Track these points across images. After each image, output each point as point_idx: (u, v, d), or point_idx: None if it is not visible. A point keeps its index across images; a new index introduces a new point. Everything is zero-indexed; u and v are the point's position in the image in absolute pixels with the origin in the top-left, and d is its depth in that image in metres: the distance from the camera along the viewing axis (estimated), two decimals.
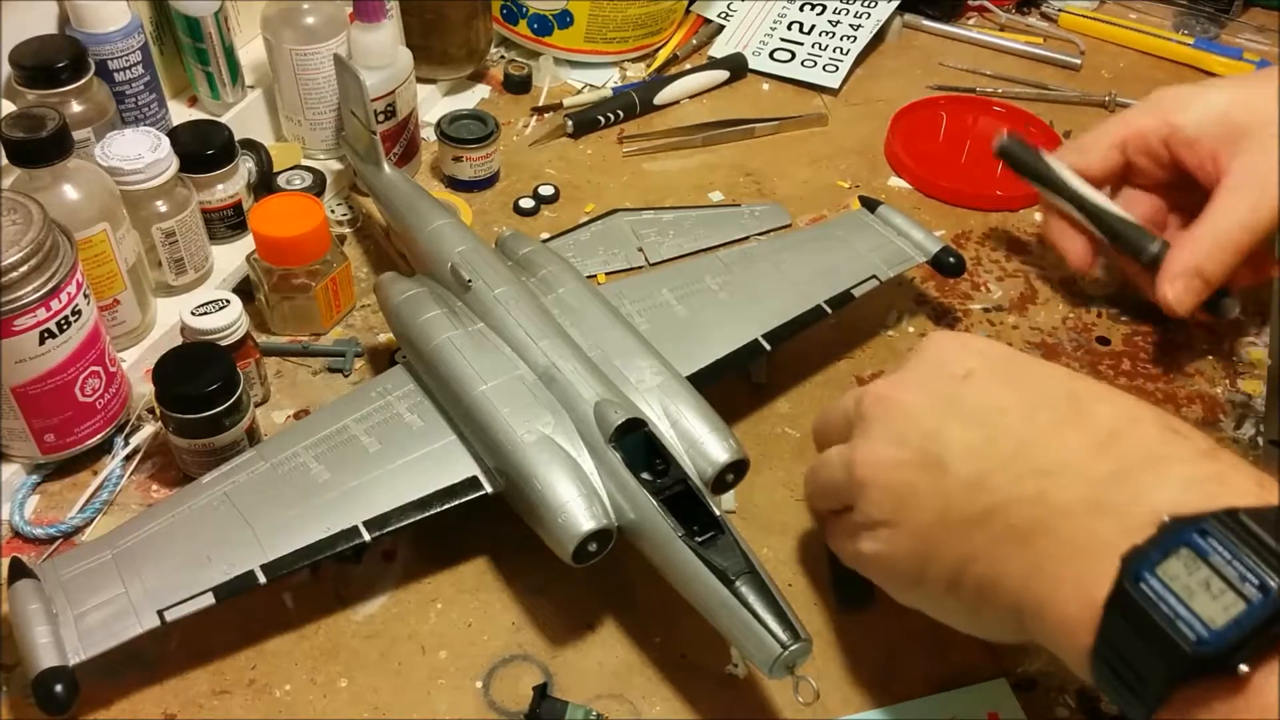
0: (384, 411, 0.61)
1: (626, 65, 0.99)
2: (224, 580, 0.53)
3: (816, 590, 0.60)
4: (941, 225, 0.83)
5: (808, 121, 0.93)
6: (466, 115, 0.85)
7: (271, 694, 0.55)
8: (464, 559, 0.61)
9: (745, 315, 0.66)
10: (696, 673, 0.56)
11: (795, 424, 0.69)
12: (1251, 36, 1.04)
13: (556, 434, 0.56)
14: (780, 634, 0.48)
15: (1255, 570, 0.37)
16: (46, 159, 0.61)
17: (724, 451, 0.55)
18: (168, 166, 0.68)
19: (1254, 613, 0.36)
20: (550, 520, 0.53)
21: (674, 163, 0.89)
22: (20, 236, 0.56)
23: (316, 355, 0.72)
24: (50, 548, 0.61)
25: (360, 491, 0.57)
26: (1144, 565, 0.39)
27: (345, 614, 0.58)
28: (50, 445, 0.62)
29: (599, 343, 0.60)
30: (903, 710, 0.55)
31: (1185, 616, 0.37)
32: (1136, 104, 0.73)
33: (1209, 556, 0.38)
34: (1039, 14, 1.07)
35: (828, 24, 1.01)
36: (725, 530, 0.52)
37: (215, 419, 0.60)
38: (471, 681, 0.56)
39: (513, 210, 0.84)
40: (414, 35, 0.88)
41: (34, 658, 0.50)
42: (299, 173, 0.82)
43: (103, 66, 0.71)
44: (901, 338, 0.75)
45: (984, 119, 0.93)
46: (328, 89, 0.81)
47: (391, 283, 0.65)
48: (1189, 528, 0.39)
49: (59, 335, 0.58)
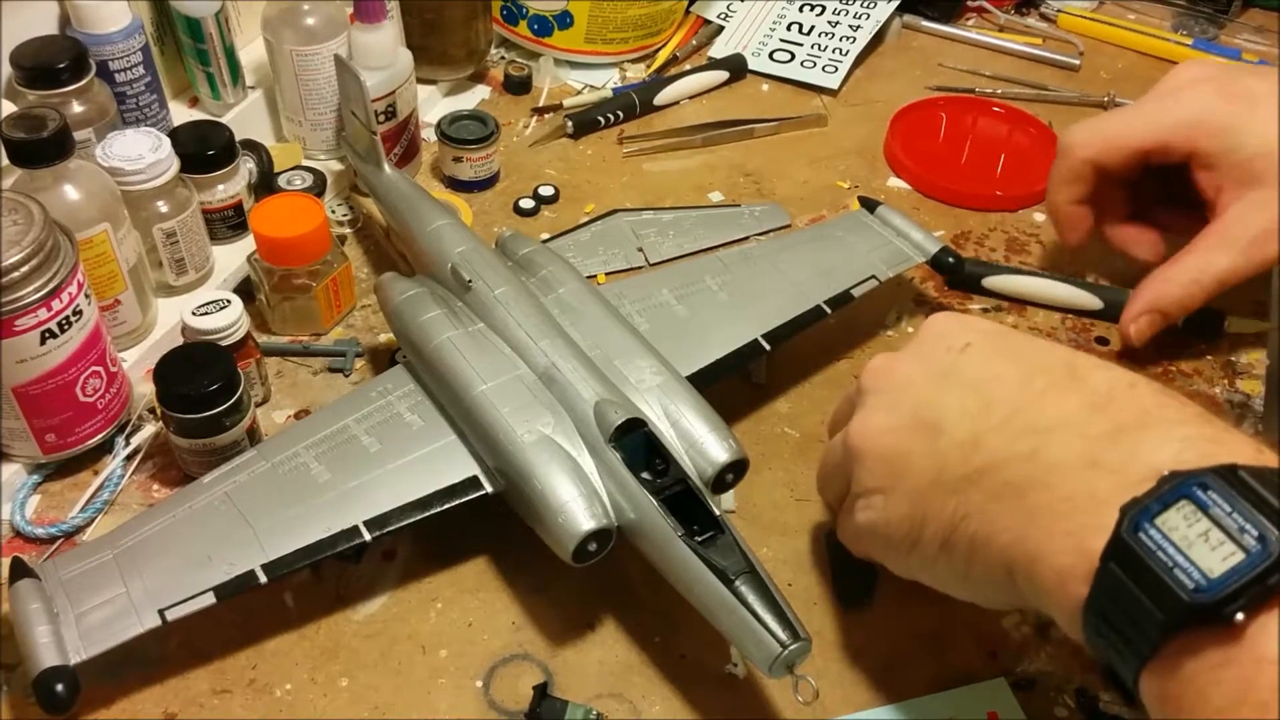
0: (384, 411, 0.61)
1: (626, 66, 0.99)
2: (225, 580, 0.53)
3: (816, 590, 0.60)
4: (941, 225, 0.83)
5: (807, 122, 0.93)
6: (466, 116, 0.85)
7: (272, 693, 0.55)
8: (464, 559, 0.61)
9: (745, 315, 0.67)
10: (696, 673, 0.56)
11: (795, 424, 0.69)
12: (1250, 37, 1.04)
13: (556, 434, 0.56)
14: (780, 633, 0.48)
15: (1254, 522, 0.37)
16: (47, 159, 0.61)
17: (724, 451, 0.55)
18: (169, 167, 0.68)
19: (1252, 562, 0.37)
20: (550, 520, 0.53)
21: (674, 163, 0.89)
22: (21, 237, 0.56)
23: (317, 355, 0.72)
24: (51, 547, 0.61)
25: (360, 491, 0.57)
26: (1143, 516, 0.39)
27: (345, 614, 0.58)
28: (51, 445, 0.63)
29: (599, 343, 0.60)
30: (903, 710, 0.55)
31: (1183, 565, 0.38)
32: (1173, 100, 0.67)
33: (1209, 509, 0.38)
34: (1038, 14, 1.07)
35: (827, 25, 1.01)
36: (725, 530, 0.52)
37: (216, 419, 0.60)
38: (471, 681, 0.56)
39: (513, 211, 0.84)
40: (414, 36, 0.88)
41: (35, 657, 0.50)
42: (299, 173, 0.83)
43: (104, 67, 0.71)
44: (901, 338, 0.75)
45: (983, 119, 0.94)
46: (328, 89, 0.82)
47: (392, 283, 0.65)
48: (1189, 481, 0.39)
49: (60, 335, 0.58)
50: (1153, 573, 0.38)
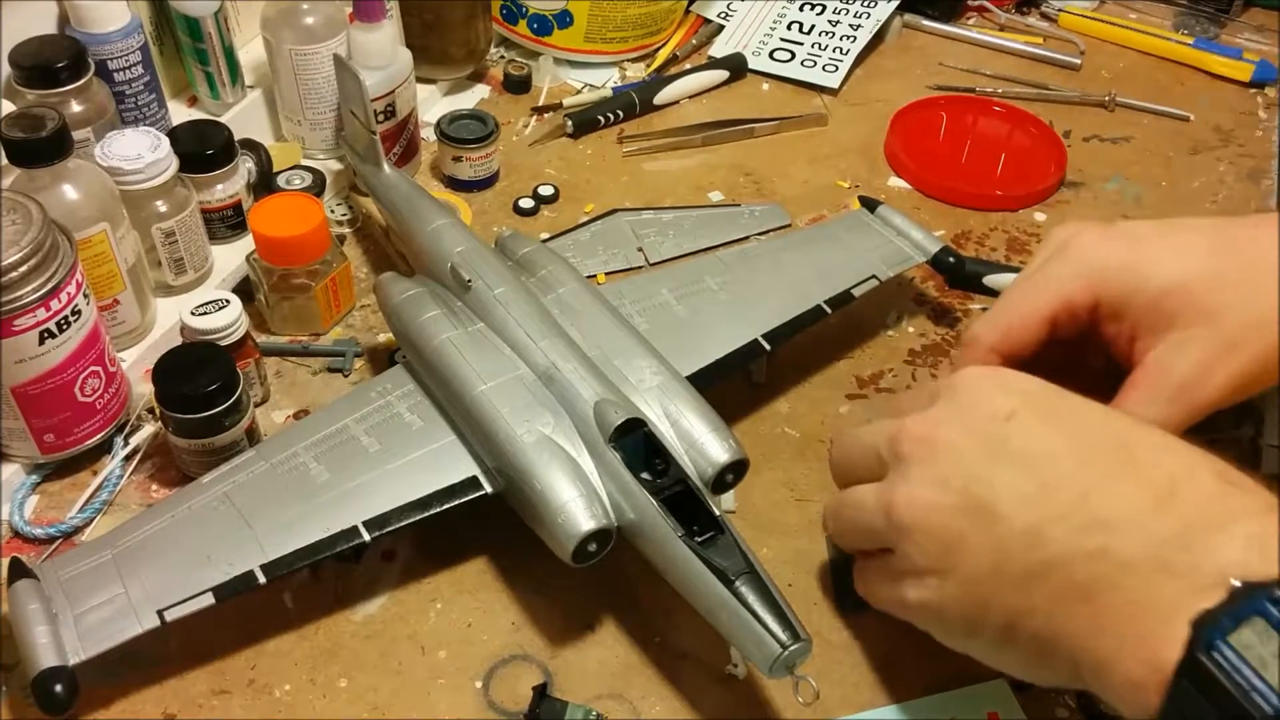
0: (384, 411, 0.61)
1: (626, 65, 0.99)
2: (224, 580, 0.53)
3: (817, 591, 0.60)
4: (941, 225, 0.83)
5: (807, 121, 0.93)
6: (466, 115, 0.85)
7: (271, 694, 0.55)
8: (464, 559, 0.61)
9: (745, 315, 0.66)
10: (696, 673, 0.56)
11: (795, 424, 0.69)
12: (1251, 36, 1.04)
13: (556, 434, 0.55)
14: (780, 634, 0.48)
15: None
16: (46, 159, 0.61)
17: (724, 451, 0.55)
18: (167, 166, 0.68)
19: None
20: (550, 520, 0.53)
21: (674, 163, 0.89)
22: (20, 236, 0.56)
23: (316, 355, 0.72)
24: (50, 548, 0.61)
25: (360, 491, 0.57)
26: (1216, 633, 0.38)
27: (345, 614, 0.58)
28: (50, 445, 0.62)
29: (599, 343, 0.60)
30: (903, 710, 0.55)
31: (1260, 688, 0.37)
32: (1060, 259, 0.58)
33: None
34: (1039, 14, 1.07)
35: (827, 24, 1.01)
36: (725, 530, 0.52)
37: (215, 419, 0.60)
38: (471, 681, 0.56)
39: (512, 210, 0.84)
40: (414, 35, 0.88)
41: (34, 657, 0.50)
42: (299, 173, 0.82)
43: (102, 66, 0.71)
44: (901, 338, 0.75)
45: (984, 119, 0.93)
46: (327, 89, 0.81)
47: (391, 283, 0.65)
48: (1261, 596, 0.38)
49: (59, 335, 0.58)
50: (1229, 695, 0.37)
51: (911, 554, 0.48)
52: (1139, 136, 0.93)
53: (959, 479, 0.47)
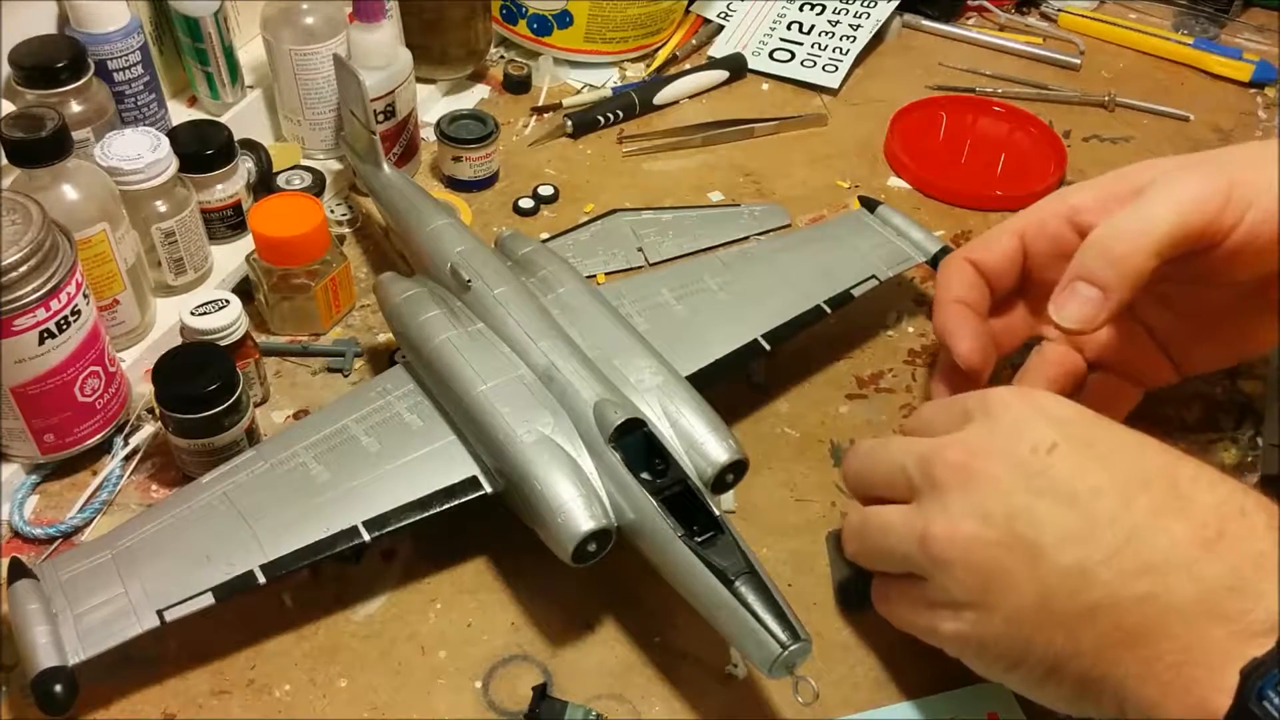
0: (383, 411, 0.60)
1: (626, 65, 0.99)
2: (223, 580, 0.53)
3: (817, 591, 0.60)
4: (941, 225, 0.83)
5: (807, 121, 0.93)
6: (466, 115, 0.85)
7: (271, 694, 0.55)
8: (464, 559, 0.61)
9: (745, 315, 0.66)
10: (696, 673, 0.56)
11: (795, 424, 0.69)
12: (1251, 36, 1.04)
13: (556, 434, 0.55)
14: (780, 634, 0.48)
15: None
16: (46, 159, 0.61)
17: (723, 451, 0.55)
18: (167, 166, 0.68)
19: None
20: (550, 520, 0.53)
21: (674, 163, 0.89)
22: (20, 236, 0.56)
23: (316, 355, 0.72)
24: (50, 548, 0.61)
25: (360, 491, 0.57)
26: (1266, 683, 0.39)
27: (345, 614, 0.58)
28: (50, 445, 0.62)
29: (598, 343, 0.60)
30: (902, 710, 0.55)
31: None
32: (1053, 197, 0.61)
33: None
34: (1038, 14, 1.07)
35: (827, 24, 1.01)
36: (725, 530, 0.52)
37: (215, 419, 0.60)
38: (471, 681, 0.56)
39: (512, 210, 0.84)
40: (414, 35, 0.88)
41: (33, 657, 0.50)
42: (298, 173, 0.82)
43: (102, 66, 0.71)
44: (901, 338, 0.75)
45: (984, 119, 0.93)
46: (327, 89, 0.81)
47: (391, 283, 0.65)
48: None
49: (58, 335, 0.58)
50: None
51: (950, 587, 0.47)
52: (1139, 136, 0.93)
53: (1001, 513, 0.46)
